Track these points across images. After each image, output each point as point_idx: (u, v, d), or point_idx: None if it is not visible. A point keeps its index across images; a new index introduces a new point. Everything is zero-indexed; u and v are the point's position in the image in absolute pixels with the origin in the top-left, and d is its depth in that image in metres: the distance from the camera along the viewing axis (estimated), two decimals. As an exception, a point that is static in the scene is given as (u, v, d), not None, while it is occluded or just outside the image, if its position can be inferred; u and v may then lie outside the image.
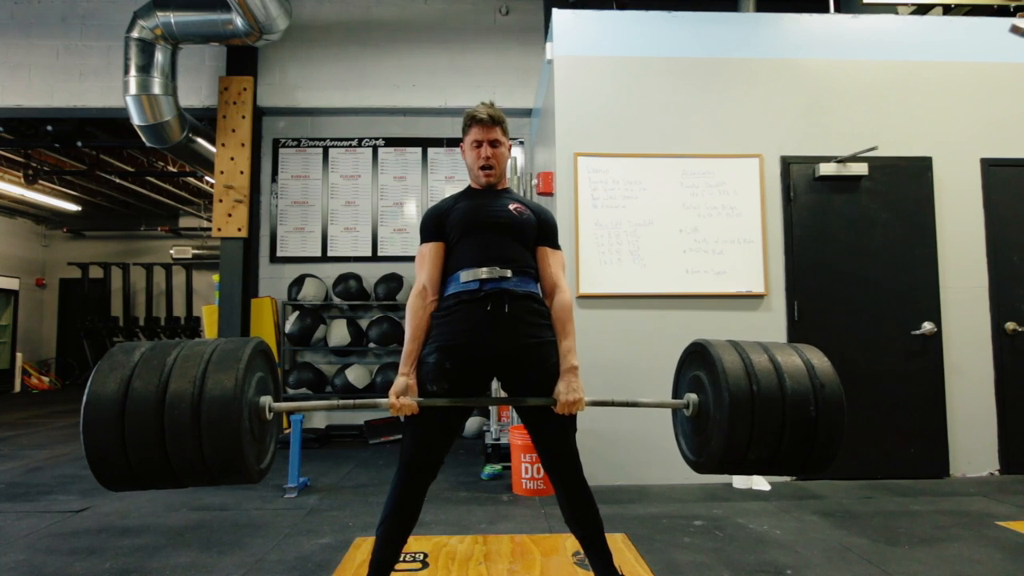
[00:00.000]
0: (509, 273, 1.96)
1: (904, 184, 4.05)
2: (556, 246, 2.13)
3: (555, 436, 1.96)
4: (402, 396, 1.87)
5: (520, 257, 2.02)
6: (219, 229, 5.58)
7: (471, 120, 2.09)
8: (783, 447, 1.78)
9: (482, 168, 2.07)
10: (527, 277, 2.01)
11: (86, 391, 1.57)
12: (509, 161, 2.18)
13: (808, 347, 1.97)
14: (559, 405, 1.88)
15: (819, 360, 1.89)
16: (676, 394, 2.14)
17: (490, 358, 1.93)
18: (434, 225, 2.07)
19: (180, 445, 1.55)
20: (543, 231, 2.10)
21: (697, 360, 2.02)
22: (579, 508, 1.98)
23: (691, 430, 2.02)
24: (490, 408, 4.58)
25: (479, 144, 2.07)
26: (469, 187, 2.17)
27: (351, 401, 1.98)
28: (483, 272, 1.95)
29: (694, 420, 1.98)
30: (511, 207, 2.06)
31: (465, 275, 1.96)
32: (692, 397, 1.97)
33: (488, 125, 2.06)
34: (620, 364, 3.83)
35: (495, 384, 4.47)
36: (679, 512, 3.23)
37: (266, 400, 1.79)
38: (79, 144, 7.23)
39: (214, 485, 1.68)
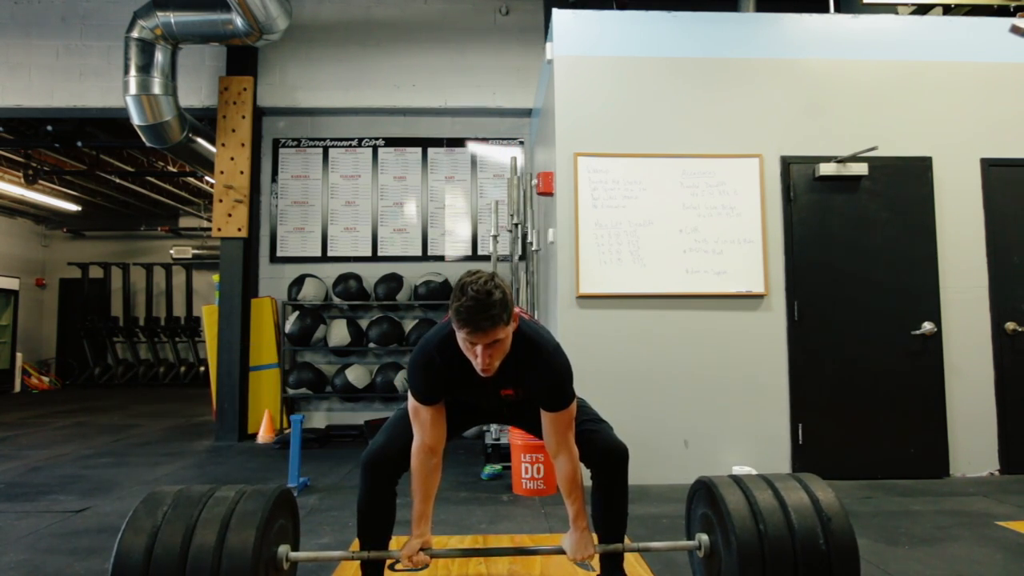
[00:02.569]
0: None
1: (904, 184, 4.04)
2: (560, 407, 1.85)
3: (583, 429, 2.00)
4: (425, 555, 1.89)
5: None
6: (219, 229, 5.58)
7: (459, 322, 1.64)
8: None
9: (480, 366, 1.71)
10: None
11: (114, 551, 1.63)
12: (509, 162, 2.12)
13: (811, 477, 1.93)
14: (570, 557, 1.93)
15: (824, 493, 1.83)
16: (688, 532, 2.12)
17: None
18: (429, 389, 1.86)
19: None
20: (547, 398, 1.87)
21: (704, 499, 1.99)
22: (614, 497, 2.01)
23: (706, 570, 1.98)
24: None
25: (474, 344, 1.67)
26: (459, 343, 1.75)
27: (365, 554, 1.93)
28: None
29: (707, 560, 1.94)
30: (502, 392, 1.91)
31: None
32: (703, 538, 1.94)
33: (483, 332, 1.63)
34: (620, 364, 3.83)
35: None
36: (679, 512, 3.22)
37: (284, 550, 1.84)
38: (79, 144, 7.24)
39: None
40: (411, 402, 1.89)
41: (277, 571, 1.81)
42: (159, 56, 5.04)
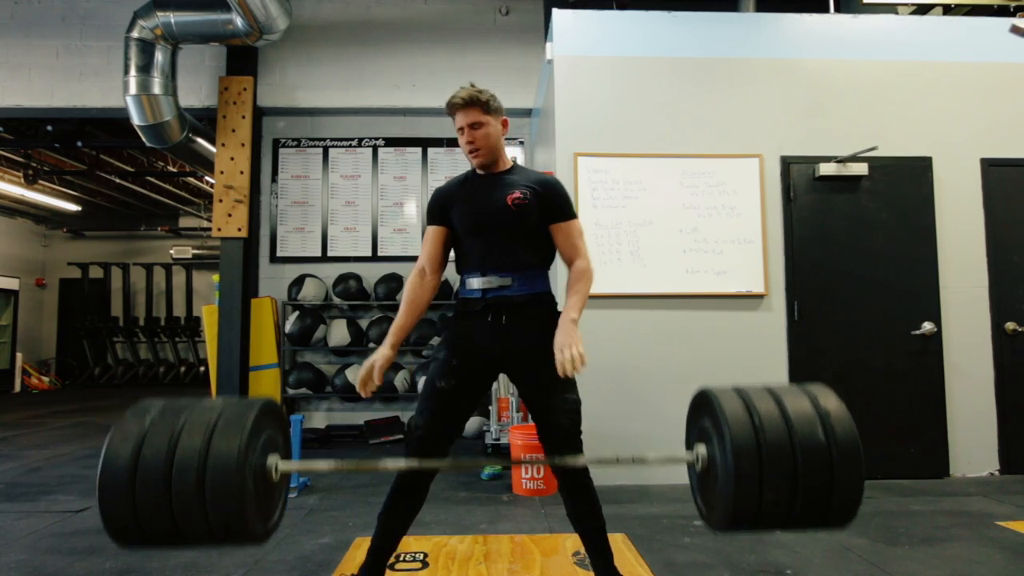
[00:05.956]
0: (510, 281, 2.00)
1: (904, 184, 4.05)
2: (569, 216, 2.07)
3: (558, 423, 1.95)
4: (375, 370, 1.89)
5: (522, 260, 2.03)
6: (219, 229, 5.58)
7: (450, 107, 2.07)
8: (799, 495, 1.66)
9: (470, 152, 2.07)
10: (532, 276, 2.03)
11: (101, 457, 1.60)
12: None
13: (818, 387, 1.85)
14: (556, 363, 1.83)
15: (829, 401, 1.77)
16: (688, 446, 2.09)
17: (493, 359, 2.00)
18: (438, 210, 2.13)
19: (187, 513, 1.58)
20: (550, 208, 2.05)
21: (702, 409, 1.92)
22: (580, 503, 1.98)
23: (703, 485, 1.92)
24: (490, 408, 4.58)
25: (462, 130, 2.06)
26: (473, 169, 2.16)
27: (355, 461, 1.94)
28: (484, 282, 2.01)
29: (704, 474, 1.88)
30: (510, 199, 2.02)
31: (469, 282, 2.04)
32: (700, 451, 1.87)
33: (464, 108, 2.03)
34: (620, 364, 3.83)
35: (502, 379, 4.48)
36: (679, 512, 3.23)
37: (273, 460, 1.78)
38: (79, 144, 7.23)
39: (221, 547, 1.70)
40: (425, 232, 2.17)
41: (266, 481, 1.74)
42: (159, 56, 5.04)
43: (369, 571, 2.00)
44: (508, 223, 2.02)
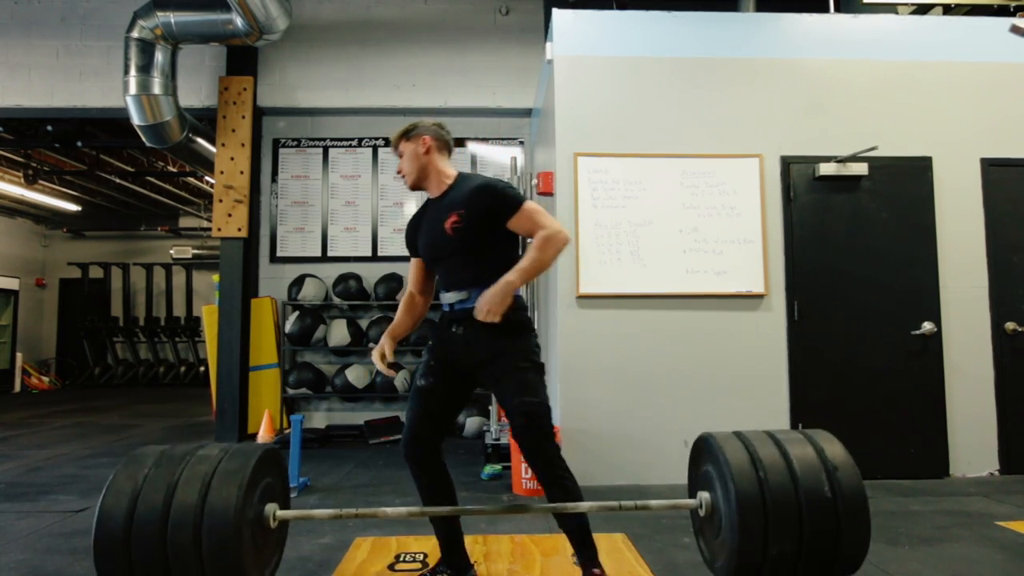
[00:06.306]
0: (466, 295, 2.10)
1: (904, 184, 4.04)
2: (515, 208, 2.06)
3: (518, 424, 1.97)
4: (385, 347, 2.18)
5: (478, 275, 2.09)
6: (219, 229, 5.58)
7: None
8: (805, 537, 1.62)
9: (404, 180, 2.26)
10: (487, 284, 2.03)
11: (96, 515, 1.60)
12: (509, 162, 2.20)
13: (819, 432, 1.83)
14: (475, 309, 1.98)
15: (834, 450, 1.74)
16: (691, 492, 2.03)
17: (464, 367, 2.14)
18: (411, 241, 2.32)
19: (184, 569, 1.58)
20: (494, 214, 2.07)
21: (705, 454, 1.89)
22: (559, 499, 1.99)
23: (707, 531, 1.88)
24: (490, 408, 4.59)
25: None
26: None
27: (354, 511, 1.94)
28: (449, 297, 2.15)
29: (708, 520, 1.84)
30: (448, 224, 2.09)
31: (441, 297, 2.21)
32: (704, 496, 1.84)
33: (394, 149, 2.24)
34: (620, 364, 3.82)
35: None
36: (679, 512, 3.22)
37: (271, 509, 1.78)
38: (79, 144, 7.23)
39: None
40: None
41: (264, 530, 1.74)
42: (159, 56, 5.04)
43: (446, 561, 2.21)
44: (453, 248, 2.11)
